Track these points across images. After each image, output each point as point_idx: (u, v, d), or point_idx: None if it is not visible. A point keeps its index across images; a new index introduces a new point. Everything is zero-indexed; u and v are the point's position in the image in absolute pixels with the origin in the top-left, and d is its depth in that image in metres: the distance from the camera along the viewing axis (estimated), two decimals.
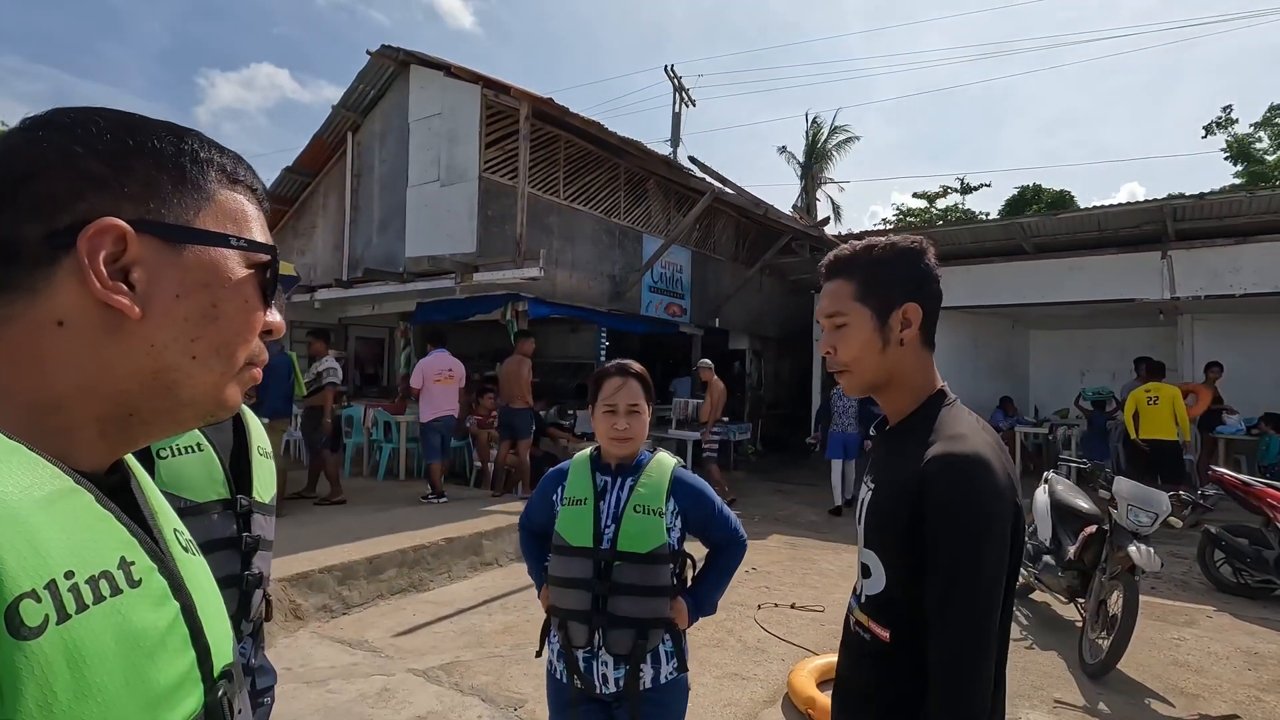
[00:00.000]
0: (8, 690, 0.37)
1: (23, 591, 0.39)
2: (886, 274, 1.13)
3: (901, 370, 1.14)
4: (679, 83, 18.72)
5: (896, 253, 1.14)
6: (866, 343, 1.12)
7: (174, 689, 0.47)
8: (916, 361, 1.14)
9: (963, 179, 28.44)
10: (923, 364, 1.15)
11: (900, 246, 1.14)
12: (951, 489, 0.98)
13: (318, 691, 3.25)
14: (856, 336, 1.12)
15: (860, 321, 1.12)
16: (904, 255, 1.14)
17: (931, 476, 1.00)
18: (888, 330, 1.11)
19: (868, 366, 1.13)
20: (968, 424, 1.07)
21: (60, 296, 0.48)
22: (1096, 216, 9.53)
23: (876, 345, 1.12)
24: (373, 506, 6.34)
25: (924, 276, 1.13)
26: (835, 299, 1.15)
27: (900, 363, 1.13)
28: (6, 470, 0.41)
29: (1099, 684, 3.52)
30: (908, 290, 1.12)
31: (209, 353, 0.53)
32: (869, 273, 1.13)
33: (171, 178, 0.52)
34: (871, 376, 1.14)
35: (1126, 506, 3.84)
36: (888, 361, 1.12)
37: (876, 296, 1.12)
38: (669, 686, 1.70)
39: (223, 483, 1.41)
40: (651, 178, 10.35)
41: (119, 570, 0.45)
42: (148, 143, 0.52)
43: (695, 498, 1.77)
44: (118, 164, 0.50)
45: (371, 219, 9.72)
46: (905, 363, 1.13)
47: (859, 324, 1.12)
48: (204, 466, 1.38)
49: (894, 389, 1.15)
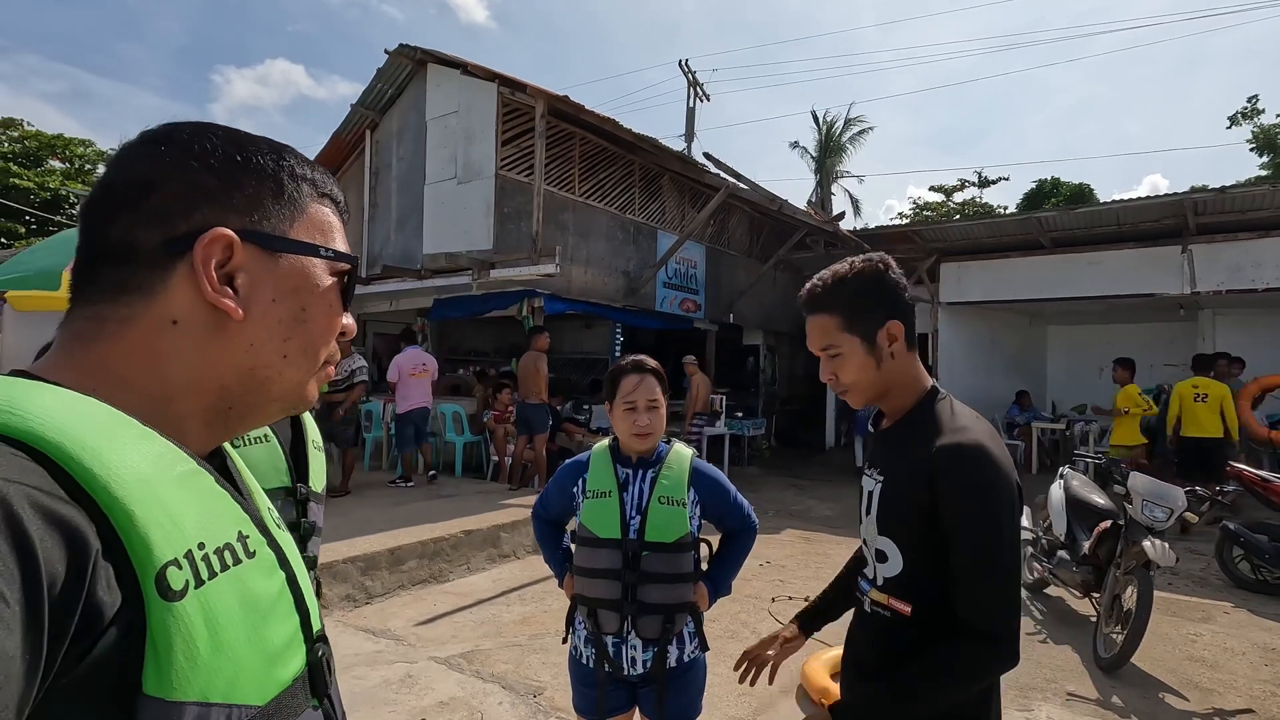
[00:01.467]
0: (161, 645, 0.43)
1: (168, 560, 0.45)
2: (863, 302, 1.23)
3: (896, 378, 1.26)
4: (693, 77, 18.68)
5: (865, 279, 1.24)
6: (862, 366, 1.23)
7: (285, 648, 0.53)
8: (906, 366, 1.26)
9: (980, 172, 28.14)
10: (912, 367, 1.27)
11: (866, 273, 1.24)
12: (964, 473, 1.11)
13: (344, 678, 3.35)
14: (852, 362, 1.24)
15: (852, 349, 1.23)
16: (873, 280, 1.24)
17: (943, 464, 1.12)
18: (878, 350, 1.23)
19: (867, 384, 1.25)
20: (966, 416, 1.20)
21: (174, 298, 0.53)
22: (1115, 210, 9.44)
23: (871, 365, 1.23)
24: (392, 500, 6.45)
25: (894, 291, 1.24)
26: (824, 333, 1.25)
27: (894, 373, 1.25)
28: (146, 453, 0.47)
29: (1113, 678, 3.53)
30: (886, 311, 1.23)
31: (297, 352, 0.59)
32: (848, 305, 1.23)
33: (272, 191, 0.58)
34: (872, 392, 1.26)
35: (1142, 502, 3.84)
36: (883, 375, 1.24)
37: (861, 324, 1.23)
38: (691, 665, 1.81)
39: (285, 472, 1.49)
40: (666, 174, 10.38)
41: (238, 543, 0.51)
42: (253, 159, 0.57)
43: (713, 487, 1.85)
44: (228, 178, 0.55)
45: (390, 216, 9.84)
46: (898, 371, 1.25)
47: (851, 352, 1.23)
48: (270, 456, 1.47)
49: (893, 394, 1.27)
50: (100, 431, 0.46)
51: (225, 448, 0.63)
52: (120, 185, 0.54)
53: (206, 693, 0.45)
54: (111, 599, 0.42)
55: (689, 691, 1.81)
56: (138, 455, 0.47)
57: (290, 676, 0.53)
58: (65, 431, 0.44)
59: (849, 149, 25.08)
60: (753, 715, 3.11)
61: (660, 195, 10.59)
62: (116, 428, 0.47)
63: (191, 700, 0.44)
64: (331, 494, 6.59)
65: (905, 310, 1.25)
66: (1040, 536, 4.73)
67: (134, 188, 0.53)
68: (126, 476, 0.45)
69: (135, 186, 0.53)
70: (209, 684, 0.45)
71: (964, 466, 1.11)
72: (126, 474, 0.45)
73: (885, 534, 1.22)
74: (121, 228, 0.53)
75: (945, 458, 1.12)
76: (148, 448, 0.48)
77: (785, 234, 11.74)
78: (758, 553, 1.81)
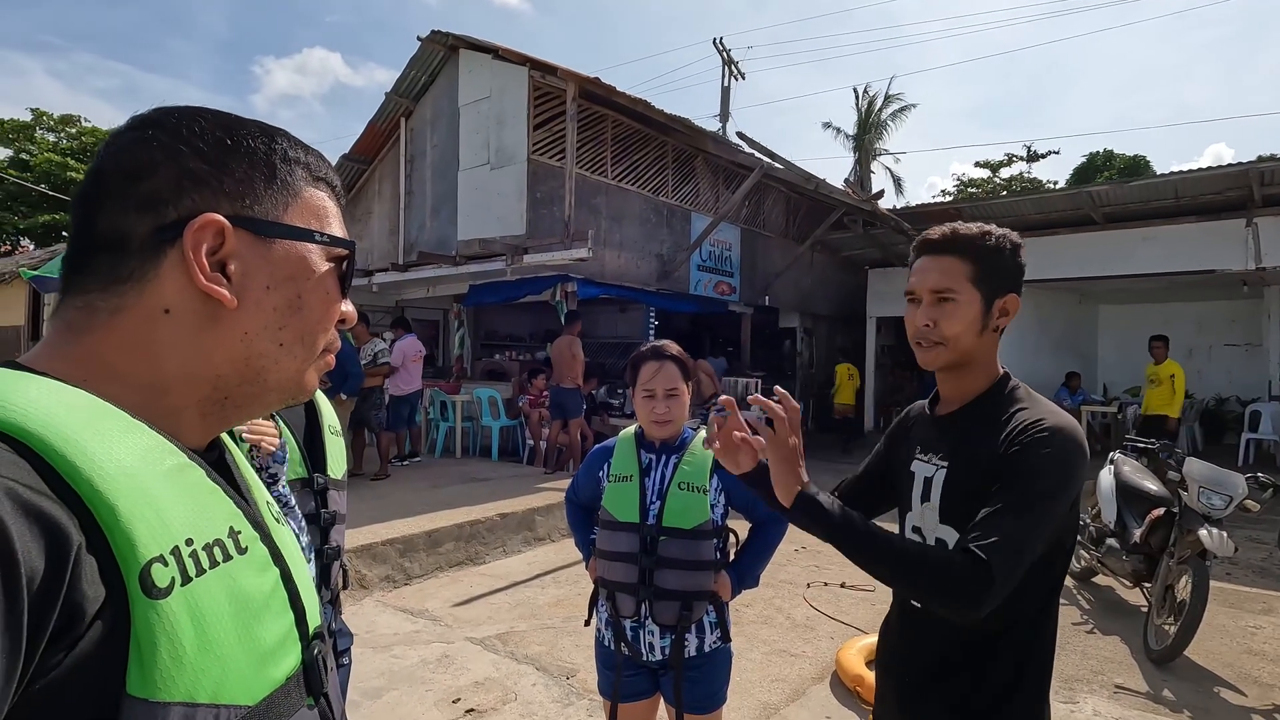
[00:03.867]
0: (145, 644, 0.42)
1: (153, 556, 0.44)
2: (1001, 263, 1.18)
3: (982, 355, 1.20)
4: (727, 55, 18.36)
5: (1011, 245, 1.19)
6: (970, 323, 1.16)
7: (277, 647, 0.52)
8: (993, 348, 1.21)
9: (1029, 146, 27.11)
10: (995, 350, 1.22)
11: (1013, 240, 1.20)
12: (1041, 440, 1.07)
13: (383, 656, 3.43)
14: (963, 316, 1.16)
15: (970, 302, 1.16)
16: (1014, 250, 1.19)
17: (1029, 440, 1.08)
18: (989, 316, 1.17)
19: (964, 345, 1.18)
20: (1042, 401, 1.17)
21: (166, 286, 0.52)
22: (1174, 183, 8.98)
23: (977, 328, 1.17)
24: (429, 483, 6.57)
25: (1022, 272, 1.20)
26: (948, 275, 1.17)
27: (985, 347, 1.19)
28: (133, 446, 0.46)
29: (1164, 671, 3.40)
30: (1013, 282, 1.19)
31: (294, 340, 0.57)
32: (987, 259, 1.17)
33: (264, 176, 0.56)
34: (962, 355, 1.19)
35: (1198, 489, 3.67)
36: (979, 344, 1.18)
37: (989, 282, 1.17)
38: (712, 655, 1.77)
39: (300, 462, 1.51)
40: (699, 155, 10.24)
41: (229, 539, 0.50)
42: (243, 143, 0.55)
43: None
44: (217, 163, 0.54)
45: (425, 203, 9.94)
46: (988, 349, 1.20)
47: (968, 304, 1.16)
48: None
49: (970, 370, 1.21)
50: (86, 424, 0.45)
51: (224, 437, 0.62)
52: (109, 173, 0.52)
53: (193, 693, 0.44)
54: (94, 595, 0.41)
55: (709, 682, 1.77)
56: (124, 448, 0.46)
57: (284, 675, 0.52)
58: (49, 424, 0.43)
59: (889, 126, 24.41)
60: (785, 702, 3.09)
61: (694, 177, 10.46)
62: (103, 420, 0.46)
63: (177, 701, 0.43)
64: (373, 479, 6.76)
65: (1020, 293, 1.21)
66: (1088, 524, 4.57)
67: (123, 175, 0.52)
68: (111, 470, 0.44)
69: (124, 174, 0.52)
70: (195, 684, 0.44)
71: (1045, 435, 1.07)
72: (111, 467, 0.44)
73: (949, 523, 1.16)
74: (111, 216, 0.51)
75: (1036, 432, 1.08)
76: (135, 440, 0.47)
77: (822, 214, 11.49)
78: (793, 537, 1.79)
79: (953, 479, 1.17)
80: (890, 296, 12.52)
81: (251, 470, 0.65)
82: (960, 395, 1.22)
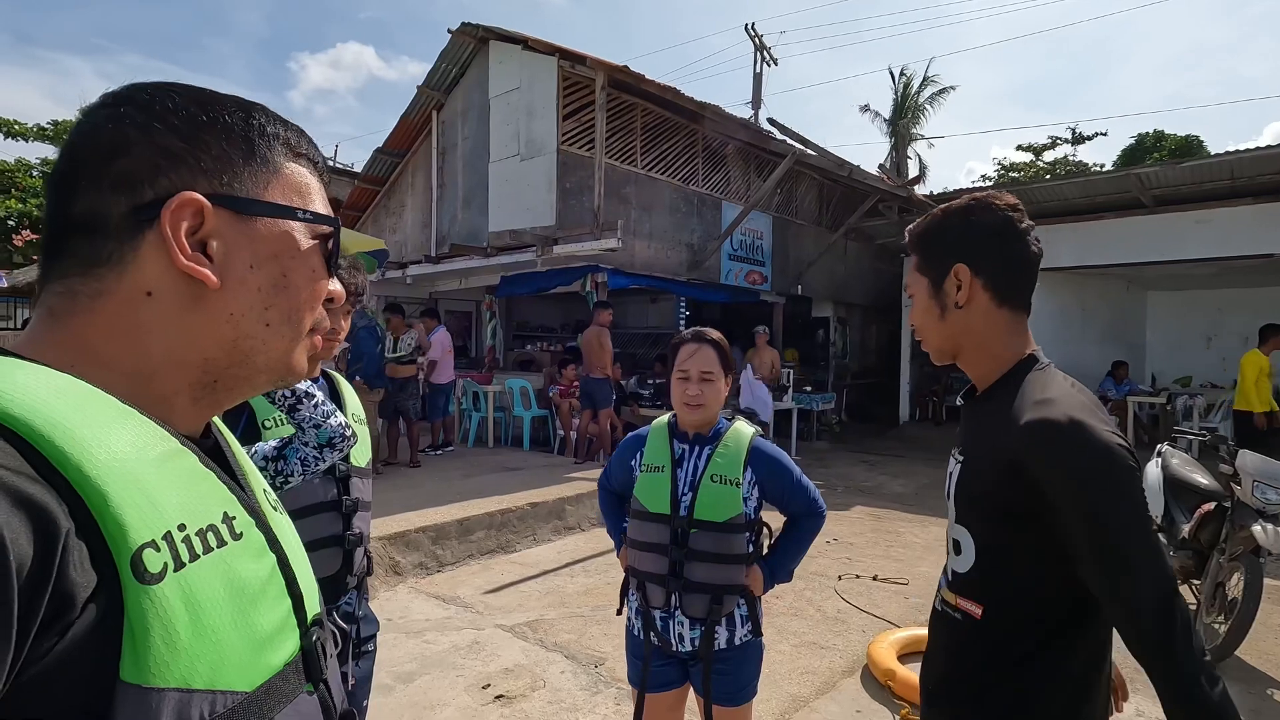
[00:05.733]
0: (139, 630, 0.42)
1: (144, 542, 0.43)
2: (936, 239, 1.12)
3: (970, 335, 1.10)
4: (759, 41, 18.08)
5: (948, 215, 1.11)
6: (924, 311, 1.13)
7: (274, 633, 0.52)
8: (989, 324, 1.09)
9: (1074, 128, 26.16)
10: (1000, 326, 1.09)
11: (954, 208, 1.11)
12: (1055, 458, 0.94)
13: (415, 641, 3.49)
14: (918, 305, 1.14)
15: (920, 291, 1.13)
16: (954, 216, 1.11)
17: (1029, 450, 0.96)
18: (943, 295, 1.10)
19: (932, 334, 1.13)
20: (1058, 387, 1.01)
21: (146, 268, 0.51)
22: (1230, 163, 8.56)
23: (934, 312, 1.11)
24: (462, 472, 6.66)
25: (979, 234, 1.08)
26: (908, 274, 1.18)
27: (966, 327, 1.09)
28: (122, 432, 0.46)
29: None
30: (956, 251, 1.09)
31: (280, 320, 0.56)
32: (924, 241, 1.14)
33: (242, 152, 0.54)
34: (938, 344, 1.14)
35: (1252, 483, 3.51)
36: (950, 328, 1.10)
37: (931, 264, 1.12)
38: (743, 649, 1.74)
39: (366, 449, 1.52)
40: (730, 143, 10.11)
41: (223, 524, 0.50)
42: (220, 118, 0.54)
43: (773, 468, 1.77)
44: (193, 139, 0.52)
45: (456, 195, 10.03)
46: (972, 326, 1.09)
47: (919, 294, 1.14)
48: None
49: (970, 355, 1.12)
50: (74, 409, 0.44)
51: (218, 424, 0.62)
52: (83, 152, 0.51)
53: (188, 679, 0.44)
54: (85, 581, 0.41)
55: (739, 675, 1.75)
56: (113, 434, 0.45)
57: (282, 661, 0.52)
58: (36, 409, 0.42)
59: (927, 110, 23.78)
60: (814, 694, 3.05)
61: (724, 165, 10.35)
62: (91, 405, 0.46)
63: (172, 687, 0.43)
64: (409, 465, 6.88)
65: (985, 255, 1.08)
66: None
67: (97, 154, 0.51)
68: (100, 455, 0.43)
69: (98, 152, 0.51)
70: (190, 670, 0.44)
71: (1055, 448, 0.94)
72: (100, 453, 0.43)
73: (961, 522, 1.09)
74: (87, 197, 0.50)
75: (1029, 440, 0.96)
76: (125, 426, 0.46)
77: (856, 201, 11.28)
78: (825, 529, 1.76)
79: (963, 476, 1.10)
80: None
81: (248, 459, 0.65)
82: (978, 381, 1.14)
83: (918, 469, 8.63)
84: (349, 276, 1.50)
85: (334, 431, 1.34)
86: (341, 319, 1.46)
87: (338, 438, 1.35)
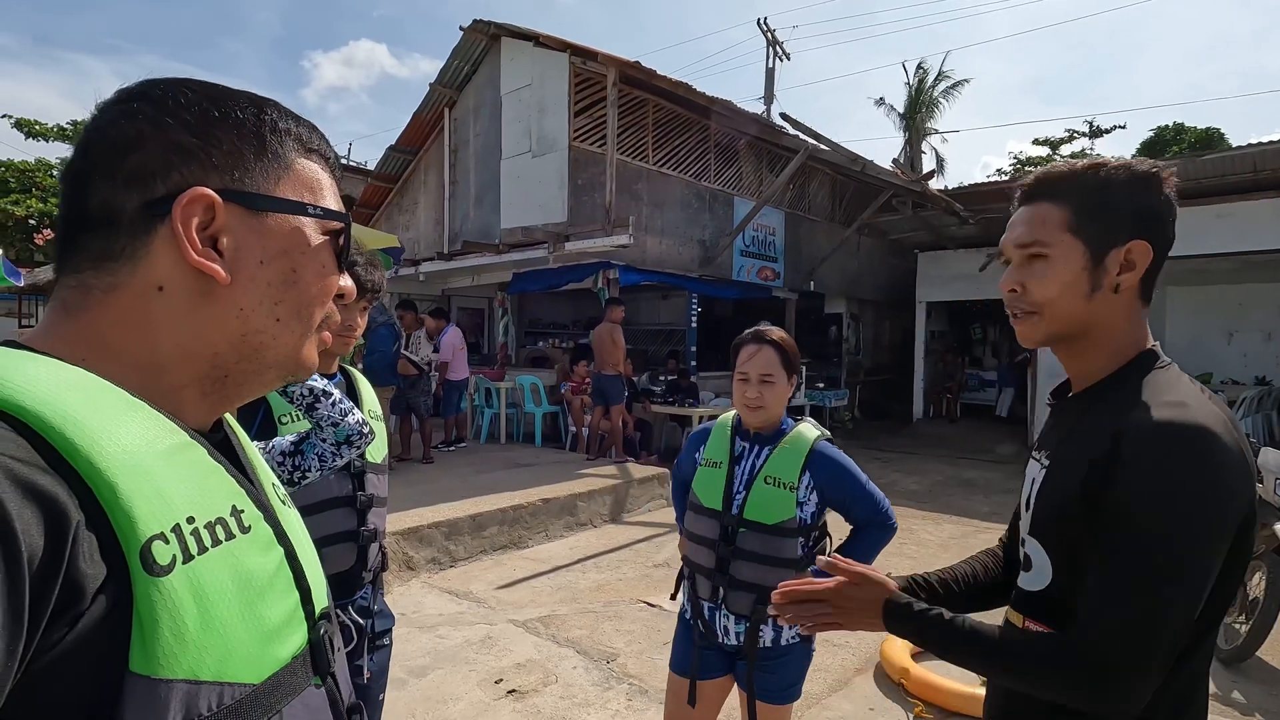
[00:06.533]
0: (148, 621, 0.42)
1: (153, 534, 0.43)
2: (1115, 202, 0.90)
3: (1105, 322, 0.92)
4: (772, 36, 17.99)
5: (1131, 176, 0.91)
6: (1070, 283, 0.91)
7: (282, 626, 0.52)
8: (1126, 314, 0.92)
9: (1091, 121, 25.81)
10: (1133, 318, 0.93)
11: (1136, 170, 0.91)
12: (1160, 463, 0.79)
13: (429, 636, 3.51)
14: (1059, 274, 0.91)
15: (1068, 256, 0.91)
16: (1141, 181, 0.91)
17: (1132, 449, 0.81)
18: (1101, 272, 0.90)
19: (1064, 313, 0.92)
20: (1189, 391, 0.86)
21: (158, 263, 0.51)
22: (1252, 155, 8.41)
23: (1082, 288, 0.91)
24: (474, 468, 6.69)
25: (1161, 211, 0.91)
26: (1037, 225, 0.93)
27: (1106, 313, 0.92)
28: (132, 425, 0.46)
29: (1234, 671, 3.23)
30: (1138, 225, 0.89)
31: (290, 315, 0.57)
32: (1092, 198, 0.91)
33: (253, 148, 0.55)
34: (1065, 325, 0.93)
35: (1275, 480, 3.46)
36: (1092, 310, 0.91)
37: (1096, 228, 0.90)
38: (789, 650, 1.73)
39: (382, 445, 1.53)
40: (742, 138, 10.07)
41: (231, 517, 0.50)
42: (231, 113, 0.54)
43: (835, 473, 1.74)
44: (205, 135, 0.53)
45: (469, 192, 10.06)
46: (1112, 314, 0.92)
47: (1066, 259, 0.91)
48: None
49: (1088, 344, 0.94)
50: (84, 401, 0.44)
51: (229, 419, 0.62)
52: (96, 147, 0.52)
53: (196, 670, 0.44)
54: (94, 572, 0.41)
55: (784, 674, 1.74)
56: (123, 426, 0.45)
57: (289, 654, 0.52)
58: (47, 401, 0.43)
59: (941, 103, 23.56)
60: (827, 692, 3.04)
61: (736, 161, 10.30)
62: (102, 398, 0.46)
63: (180, 678, 0.43)
64: (422, 461, 6.93)
65: (1165, 240, 0.91)
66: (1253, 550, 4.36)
67: (110, 149, 0.51)
68: (110, 447, 0.43)
69: (111, 148, 0.51)
70: (199, 661, 0.44)
71: (1166, 453, 0.79)
72: (110, 445, 0.43)
73: (1035, 534, 0.95)
74: (100, 192, 0.51)
75: (1140, 438, 0.81)
76: (134, 418, 0.47)
77: (869, 196, 11.19)
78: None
79: (1047, 485, 0.94)
80: (941, 280, 12.13)
81: (258, 453, 0.65)
82: (1082, 376, 0.97)
83: (931, 466, 8.58)
84: (366, 273, 1.51)
85: (352, 429, 1.35)
86: (358, 315, 1.47)
87: (355, 435, 1.36)
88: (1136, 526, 0.79)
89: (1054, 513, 0.92)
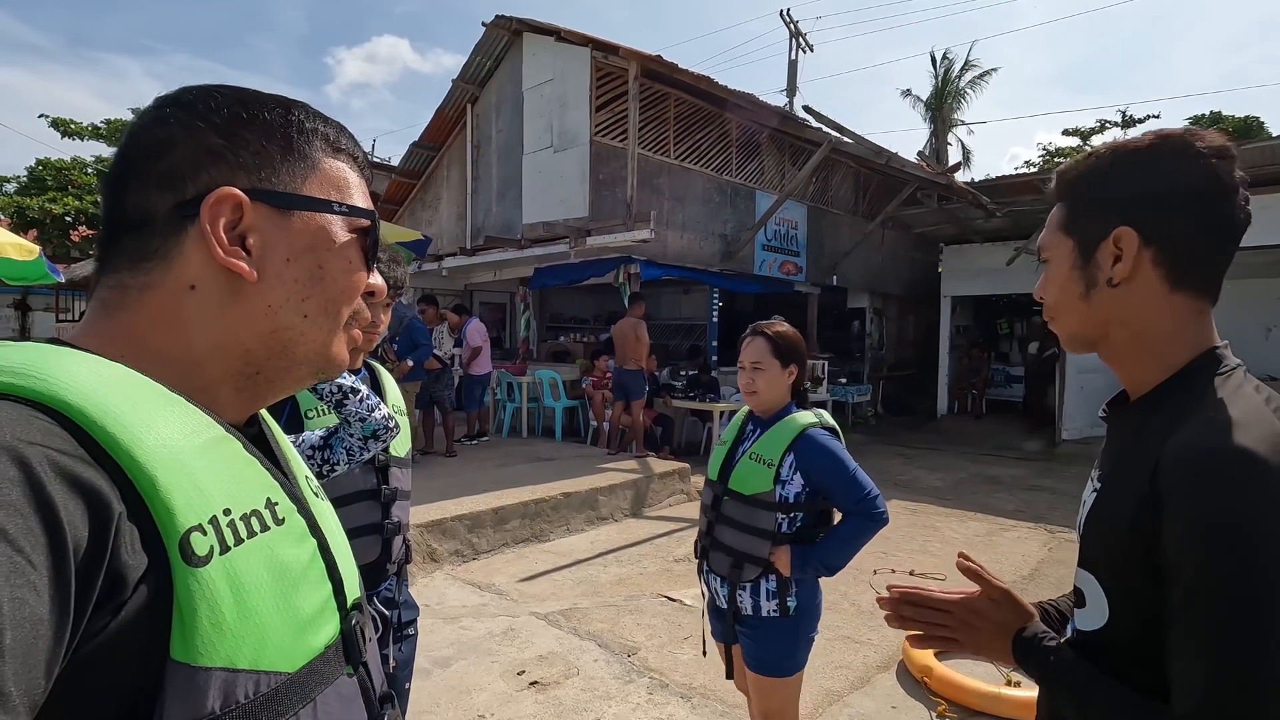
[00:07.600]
0: (187, 611, 0.43)
1: (192, 525, 0.45)
2: (1098, 191, 0.83)
3: (1124, 323, 0.83)
4: (795, 27, 17.81)
5: (1118, 157, 0.82)
6: (1064, 284, 0.86)
7: (315, 616, 0.53)
8: (1154, 312, 0.81)
9: (1124, 111, 25.17)
10: (1169, 316, 0.81)
11: (1127, 148, 0.81)
12: (1200, 496, 0.68)
13: (452, 627, 3.56)
14: (1054, 276, 0.88)
15: (1059, 257, 0.87)
16: (1128, 160, 0.81)
17: (1171, 479, 0.70)
18: (1092, 268, 0.83)
19: (1067, 316, 0.88)
20: (1245, 402, 0.74)
21: (190, 262, 0.53)
22: None
23: (1076, 288, 0.85)
24: (496, 462, 6.75)
25: (1162, 187, 0.79)
26: (1047, 229, 0.90)
27: (1118, 312, 0.83)
28: (171, 419, 0.48)
29: None
30: (1123, 211, 0.81)
31: (318, 312, 0.58)
32: (1079, 191, 0.86)
33: (280, 148, 0.56)
34: (1075, 328, 0.87)
35: None
36: (1096, 310, 0.84)
37: (1086, 221, 0.84)
38: (767, 623, 1.85)
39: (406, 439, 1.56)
40: (764, 132, 9.99)
41: (266, 510, 0.51)
42: (259, 115, 0.56)
43: (819, 458, 1.82)
44: (233, 136, 0.54)
45: (491, 188, 10.11)
46: (1129, 312, 0.82)
47: (1059, 260, 0.87)
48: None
49: (1119, 348, 0.85)
50: (124, 396, 0.46)
51: (263, 414, 0.63)
52: (132, 152, 0.54)
53: (233, 659, 0.45)
54: (136, 563, 0.42)
55: (763, 646, 1.86)
56: (162, 420, 0.47)
57: (323, 644, 0.53)
58: (89, 396, 0.44)
59: (968, 94, 23.18)
60: (849, 689, 3.03)
61: (758, 154, 10.23)
62: (141, 393, 0.47)
63: (218, 666, 0.44)
64: (445, 455, 7.01)
65: (1165, 218, 0.79)
66: None
67: (145, 153, 0.53)
68: (150, 441, 0.45)
69: (146, 152, 0.53)
70: (236, 650, 0.45)
71: (1203, 484, 0.68)
72: (150, 438, 0.45)
73: (1085, 566, 0.84)
74: (136, 194, 0.53)
75: (1175, 466, 0.70)
76: (172, 413, 0.48)
77: (894, 189, 11.04)
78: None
79: (1096, 510, 0.83)
80: (966, 274, 11.94)
81: (292, 447, 0.67)
82: (1133, 386, 0.87)
83: (955, 463, 8.47)
84: (388, 270, 1.53)
85: (378, 424, 1.38)
86: (381, 313, 1.49)
87: (382, 430, 1.39)
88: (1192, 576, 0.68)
89: (1101, 547, 0.82)
